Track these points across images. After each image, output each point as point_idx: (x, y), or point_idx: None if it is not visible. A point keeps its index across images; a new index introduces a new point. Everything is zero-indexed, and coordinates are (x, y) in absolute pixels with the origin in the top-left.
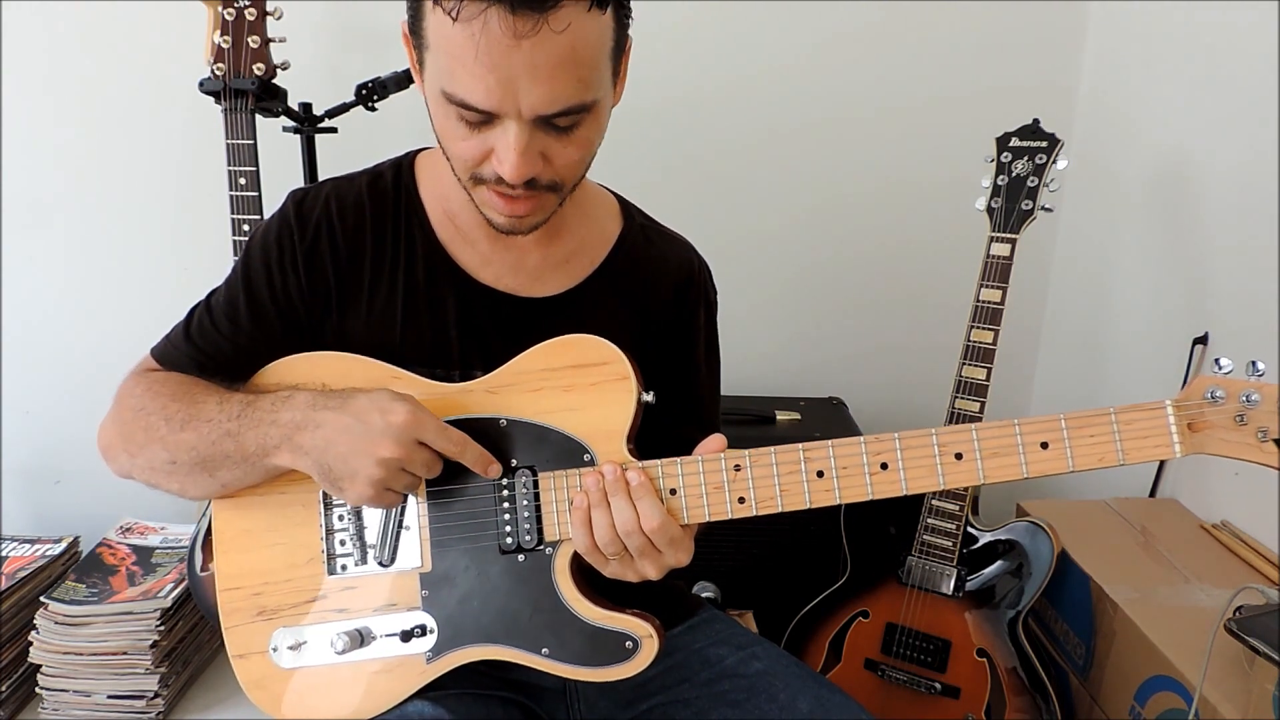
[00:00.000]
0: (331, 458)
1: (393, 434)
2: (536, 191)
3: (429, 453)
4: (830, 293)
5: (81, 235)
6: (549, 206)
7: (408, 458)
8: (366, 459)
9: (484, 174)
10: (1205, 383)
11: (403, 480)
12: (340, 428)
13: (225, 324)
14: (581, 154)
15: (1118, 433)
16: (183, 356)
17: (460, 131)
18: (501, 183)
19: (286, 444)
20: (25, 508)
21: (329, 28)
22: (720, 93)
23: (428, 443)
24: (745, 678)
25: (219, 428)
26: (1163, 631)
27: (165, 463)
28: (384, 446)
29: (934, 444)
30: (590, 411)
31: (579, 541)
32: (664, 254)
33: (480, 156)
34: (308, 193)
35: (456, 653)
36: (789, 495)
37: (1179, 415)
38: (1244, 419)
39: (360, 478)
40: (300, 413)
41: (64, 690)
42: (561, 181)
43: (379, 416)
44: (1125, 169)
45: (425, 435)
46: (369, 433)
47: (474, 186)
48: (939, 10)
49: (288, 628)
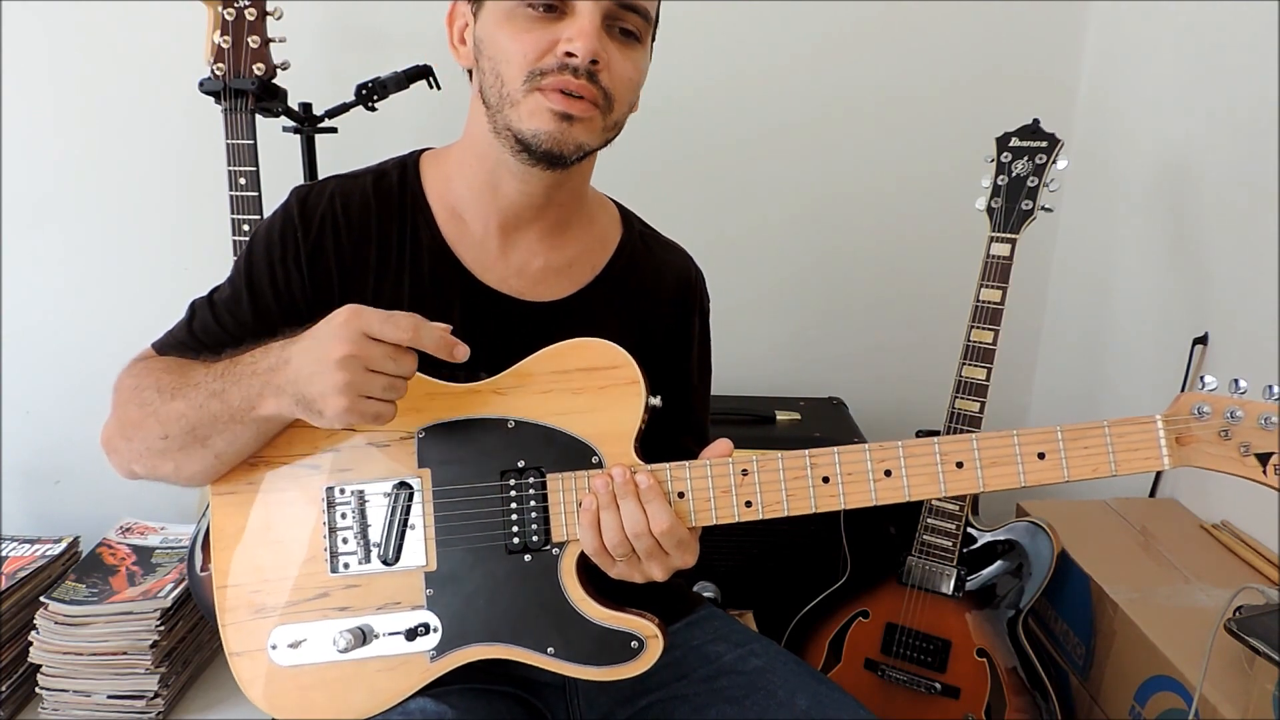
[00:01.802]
0: (302, 383)
1: (337, 334)
2: (595, 89)
3: (386, 345)
4: (830, 292)
5: (81, 235)
6: (595, 128)
7: (362, 353)
8: (325, 368)
9: (546, 65)
10: (1191, 399)
11: (376, 382)
12: (301, 351)
13: (227, 318)
14: (633, 77)
15: (1111, 445)
16: (184, 349)
17: (526, 25)
18: (565, 70)
19: (267, 388)
20: (25, 508)
21: (329, 28)
22: (720, 92)
23: (375, 335)
24: (744, 674)
25: (205, 389)
26: (1163, 631)
27: (158, 439)
28: (334, 348)
29: (936, 453)
30: (599, 414)
31: (587, 543)
32: (663, 262)
33: (544, 48)
34: (312, 189)
35: (460, 651)
36: (795, 500)
37: (1168, 429)
38: (1228, 434)
39: (330, 391)
40: (273, 356)
41: (64, 690)
42: (613, 95)
43: (324, 326)
44: (1125, 169)
45: (370, 328)
46: (320, 343)
47: (529, 92)
48: (939, 10)
49: (287, 625)
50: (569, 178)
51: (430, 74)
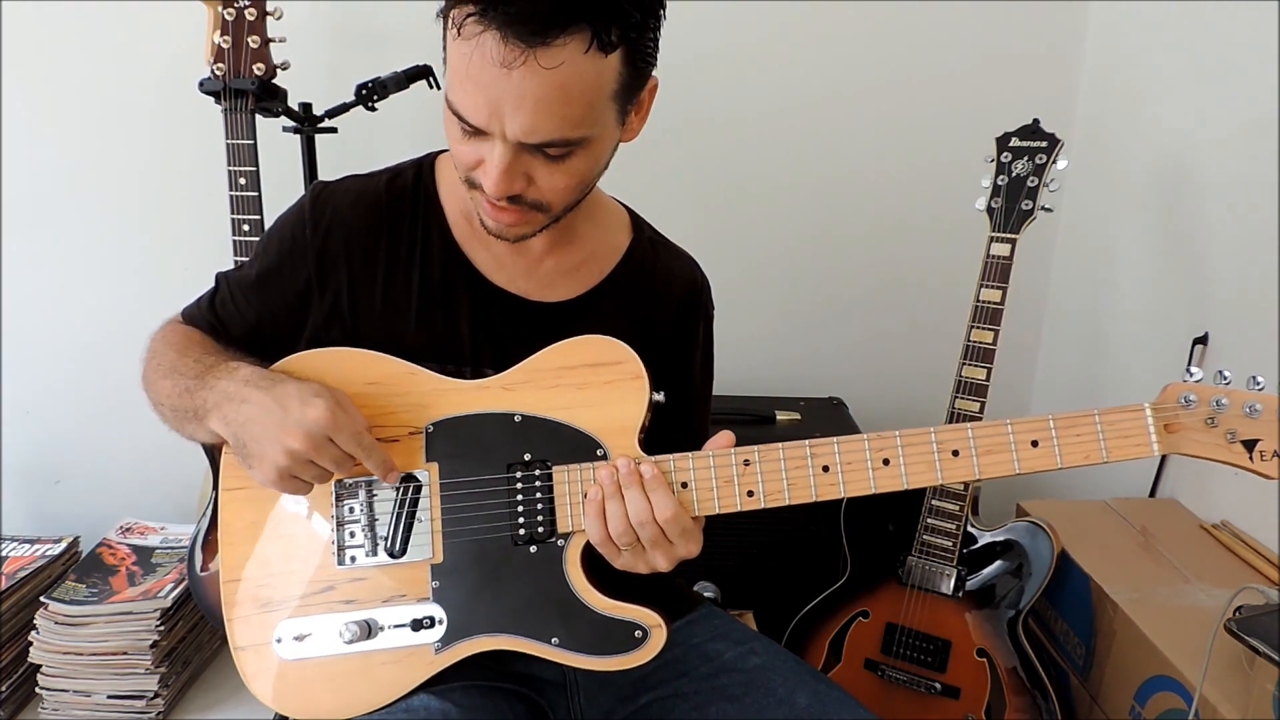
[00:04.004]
0: (246, 435)
1: (305, 426)
2: (521, 207)
3: (338, 451)
4: (830, 292)
5: (81, 235)
6: (535, 222)
7: (315, 452)
8: (275, 446)
9: (476, 179)
10: (1178, 389)
11: (310, 472)
12: (261, 408)
13: (241, 299)
14: (570, 182)
15: (1101, 432)
16: (203, 322)
17: (458, 136)
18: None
19: (216, 411)
20: (25, 508)
21: (329, 28)
22: (720, 94)
23: (339, 443)
24: (744, 672)
25: (182, 383)
26: (1163, 631)
27: (155, 404)
28: (294, 437)
29: (933, 441)
30: (603, 408)
31: (593, 532)
32: (670, 268)
33: (474, 163)
34: (326, 185)
35: (465, 643)
36: (796, 488)
37: (1157, 417)
38: (1214, 421)
39: (267, 461)
40: (235, 385)
41: (64, 690)
42: (547, 203)
43: (298, 407)
44: (1125, 169)
45: (338, 436)
46: (284, 421)
47: (469, 189)
48: (939, 10)
49: (293, 619)
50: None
51: (430, 74)
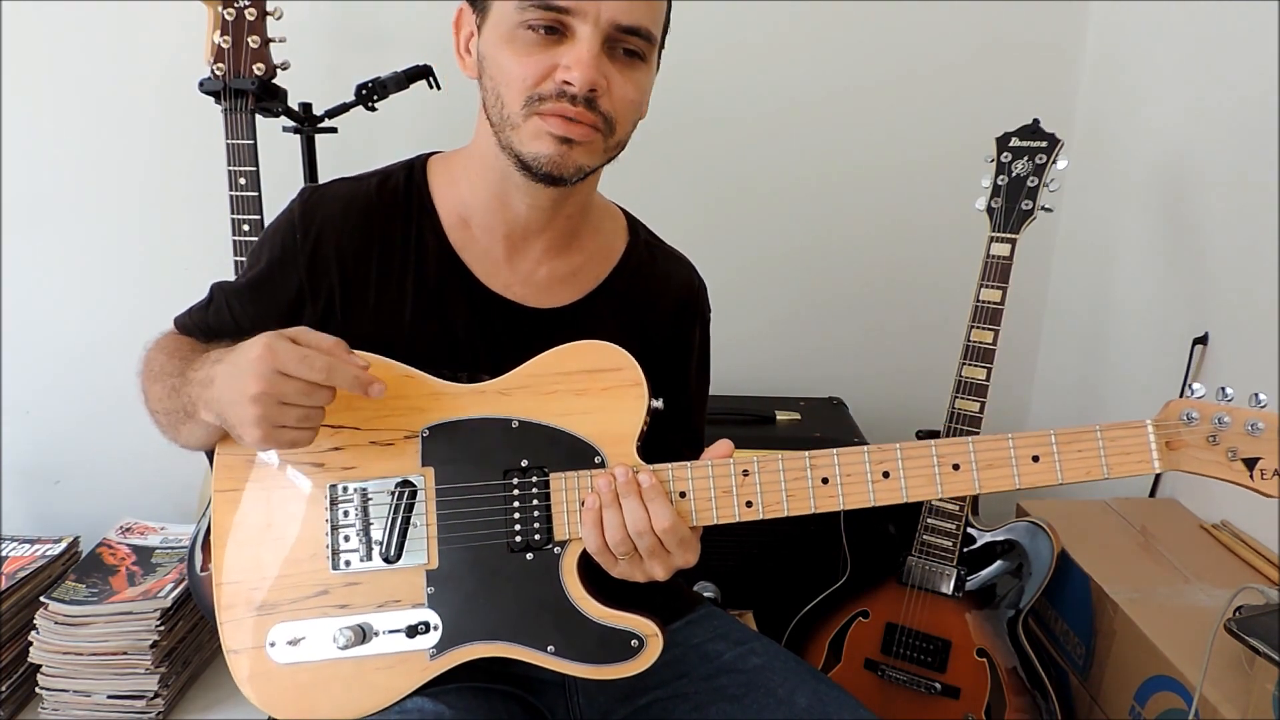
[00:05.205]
0: (222, 406)
1: (252, 370)
2: (595, 115)
3: (298, 381)
4: (830, 293)
5: (82, 235)
6: (595, 150)
7: (274, 390)
8: (240, 400)
9: (545, 91)
10: (1180, 405)
11: (290, 414)
12: (224, 375)
13: (235, 307)
14: (636, 97)
15: (1103, 449)
16: (196, 330)
17: (525, 48)
18: (563, 98)
19: (200, 399)
20: (25, 508)
21: (329, 28)
22: (720, 94)
23: (288, 372)
24: (743, 673)
25: (169, 384)
26: (1163, 631)
27: (151, 412)
28: (248, 383)
29: (933, 455)
30: (602, 415)
31: (590, 541)
32: (666, 272)
33: (543, 73)
34: (315, 190)
35: (460, 650)
36: (794, 500)
37: (1159, 434)
38: (1216, 439)
39: (245, 422)
40: (206, 369)
41: (64, 690)
42: (614, 119)
43: (241, 355)
44: (1125, 169)
45: (284, 365)
46: (237, 374)
47: (528, 116)
48: (939, 10)
49: (286, 623)
50: (575, 191)
51: (430, 74)
